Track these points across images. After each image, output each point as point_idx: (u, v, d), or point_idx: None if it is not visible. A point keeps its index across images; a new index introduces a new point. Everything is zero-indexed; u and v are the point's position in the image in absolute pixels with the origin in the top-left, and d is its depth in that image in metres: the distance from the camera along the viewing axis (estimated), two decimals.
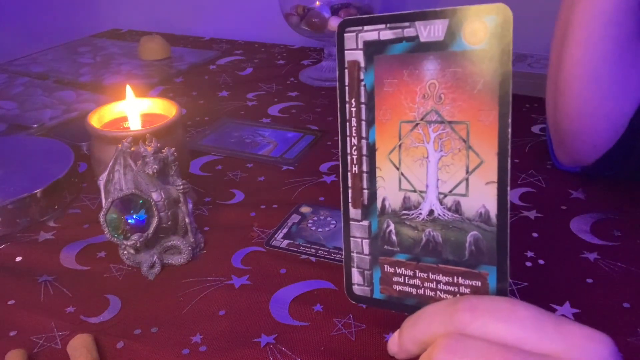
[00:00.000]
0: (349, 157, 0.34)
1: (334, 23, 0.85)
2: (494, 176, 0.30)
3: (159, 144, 0.48)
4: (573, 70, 0.50)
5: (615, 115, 0.51)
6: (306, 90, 0.87)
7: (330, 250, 0.50)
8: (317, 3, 0.86)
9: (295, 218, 0.55)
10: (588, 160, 0.55)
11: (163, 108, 0.58)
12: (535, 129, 0.71)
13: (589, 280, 0.45)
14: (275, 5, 0.91)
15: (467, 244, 0.31)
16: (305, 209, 0.56)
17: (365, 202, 0.34)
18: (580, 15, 0.49)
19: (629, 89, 0.50)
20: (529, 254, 0.49)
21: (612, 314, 0.42)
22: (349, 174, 0.34)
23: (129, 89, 0.56)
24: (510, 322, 0.26)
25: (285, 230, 0.53)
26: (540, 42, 0.81)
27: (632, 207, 0.54)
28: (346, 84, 0.33)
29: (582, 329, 0.26)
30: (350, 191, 0.34)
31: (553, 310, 0.42)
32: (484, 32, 0.29)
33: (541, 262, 0.48)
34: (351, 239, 0.35)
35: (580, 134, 0.53)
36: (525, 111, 0.76)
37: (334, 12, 0.85)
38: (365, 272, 0.35)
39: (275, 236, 0.52)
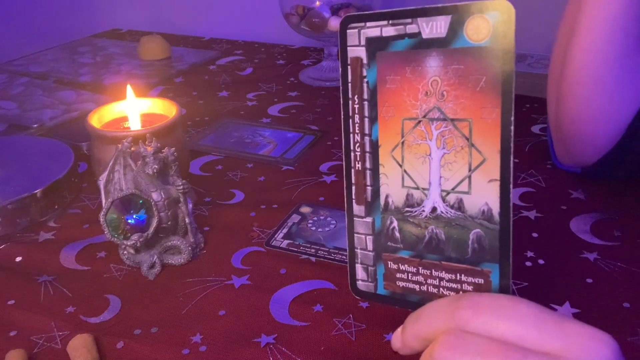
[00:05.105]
0: (352, 154, 0.34)
1: (334, 23, 0.85)
2: (496, 174, 0.30)
3: (159, 144, 0.48)
4: (577, 74, 0.50)
5: (618, 119, 0.51)
6: (306, 90, 0.87)
7: (330, 250, 0.50)
8: (317, 3, 0.85)
9: (295, 218, 0.55)
10: (589, 161, 0.55)
11: (163, 108, 0.58)
12: (535, 129, 0.71)
13: (589, 280, 0.45)
14: (275, 5, 0.91)
15: (469, 242, 0.31)
16: (305, 209, 0.56)
17: (369, 198, 0.34)
18: (586, 21, 0.49)
19: (632, 93, 0.50)
20: (529, 254, 0.49)
21: (612, 314, 0.42)
22: (353, 170, 0.34)
23: (129, 89, 0.56)
24: (511, 319, 0.26)
25: (285, 230, 0.53)
26: (541, 42, 0.81)
27: (632, 207, 0.54)
28: (349, 80, 0.33)
29: (585, 328, 0.26)
30: (353, 188, 0.34)
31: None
32: (486, 28, 0.28)
33: (541, 262, 0.48)
34: (355, 235, 0.35)
35: (581, 136, 0.53)
36: (525, 111, 0.76)
37: (334, 12, 0.85)
38: (369, 268, 0.35)
39: (275, 236, 0.52)
